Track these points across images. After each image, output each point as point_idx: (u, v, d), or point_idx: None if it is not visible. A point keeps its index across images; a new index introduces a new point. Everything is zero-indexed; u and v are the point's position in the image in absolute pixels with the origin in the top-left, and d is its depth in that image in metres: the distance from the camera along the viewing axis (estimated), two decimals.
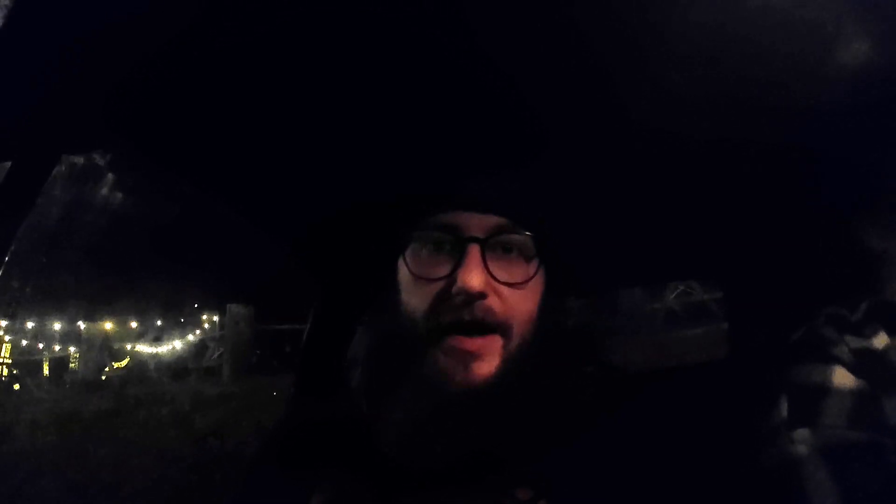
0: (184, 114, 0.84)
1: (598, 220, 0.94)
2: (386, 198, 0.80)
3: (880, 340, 0.75)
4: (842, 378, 0.73)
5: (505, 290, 0.72)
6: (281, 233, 1.20)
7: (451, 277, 0.71)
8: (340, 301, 1.19)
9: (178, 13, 0.69)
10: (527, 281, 0.73)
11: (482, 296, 0.70)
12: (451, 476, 0.66)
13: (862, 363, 0.74)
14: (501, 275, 0.72)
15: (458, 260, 0.71)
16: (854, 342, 0.76)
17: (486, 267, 0.71)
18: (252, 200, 1.08)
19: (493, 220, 0.73)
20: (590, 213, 0.89)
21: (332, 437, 0.76)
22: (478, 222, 0.73)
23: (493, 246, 0.72)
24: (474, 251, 0.71)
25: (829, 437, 0.70)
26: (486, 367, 0.70)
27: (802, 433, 0.71)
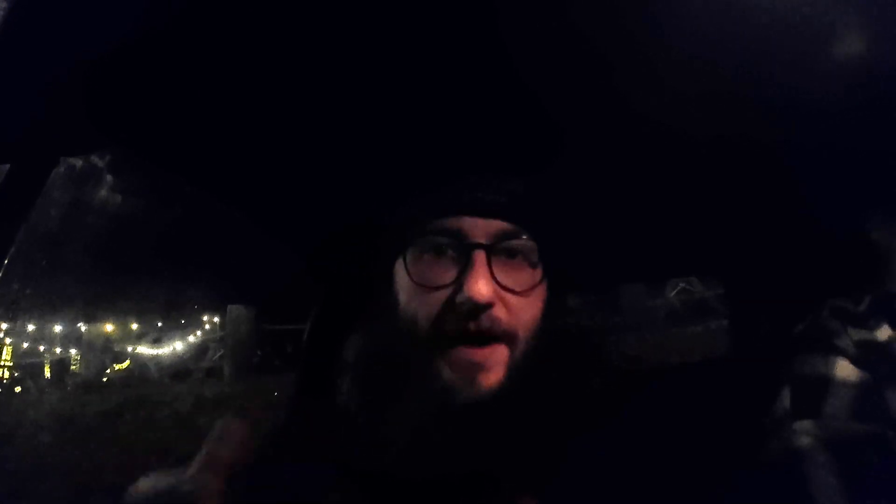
0: (185, 116, 0.84)
1: (598, 218, 0.94)
2: (386, 201, 0.80)
3: (884, 333, 0.75)
4: (845, 370, 0.73)
5: (510, 297, 0.70)
6: (281, 233, 1.20)
7: (457, 285, 0.68)
8: (339, 304, 1.19)
9: (186, 20, 0.69)
10: (533, 288, 0.71)
11: (489, 305, 0.68)
12: (450, 487, 0.65)
13: (865, 355, 0.74)
14: (507, 282, 0.70)
15: (464, 267, 0.69)
16: (858, 334, 0.76)
17: (492, 274, 0.68)
18: (252, 201, 1.08)
19: (497, 224, 0.71)
20: (590, 211, 0.89)
21: (329, 444, 0.74)
22: (482, 227, 0.71)
23: (497, 252, 0.70)
24: (480, 258, 0.69)
25: (832, 428, 0.70)
26: (493, 377, 0.68)
27: (806, 425, 0.71)
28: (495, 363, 0.69)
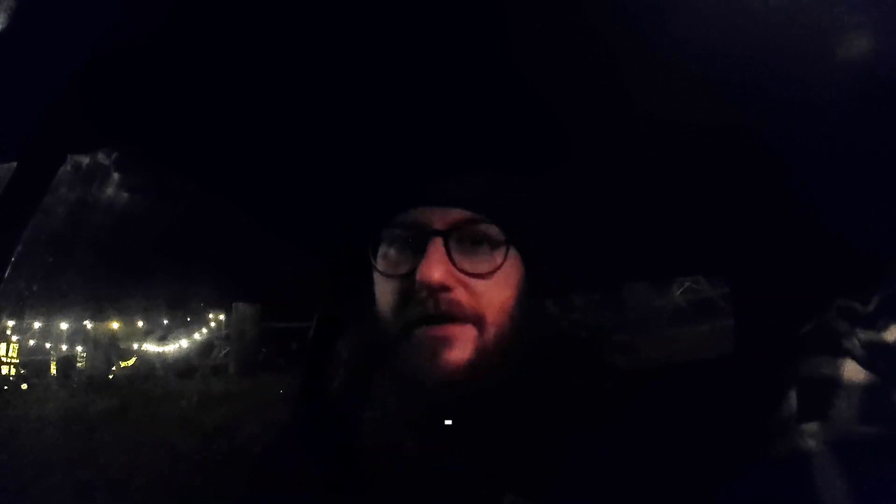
0: (190, 115, 0.84)
1: (599, 215, 0.94)
2: (355, 196, 0.81)
3: (892, 334, 0.74)
4: (853, 372, 0.72)
5: (474, 281, 0.72)
6: (286, 231, 1.20)
7: (415, 272, 0.71)
8: (339, 303, 1.20)
9: (188, 21, 0.69)
10: (493, 271, 0.73)
11: (445, 288, 0.70)
12: (433, 481, 0.66)
13: (873, 357, 0.73)
14: (467, 266, 0.72)
15: (421, 255, 0.71)
16: (865, 335, 0.75)
17: (450, 259, 0.71)
18: (256, 199, 1.08)
19: (456, 213, 0.74)
20: (591, 208, 0.88)
21: (330, 440, 0.76)
22: (441, 217, 0.73)
23: (459, 239, 0.73)
24: (436, 244, 0.71)
25: (839, 431, 0.69)
26: (458, 354, 0.70)
27: (812, 427, 0.70)
28: (460, 340, 0.71)
